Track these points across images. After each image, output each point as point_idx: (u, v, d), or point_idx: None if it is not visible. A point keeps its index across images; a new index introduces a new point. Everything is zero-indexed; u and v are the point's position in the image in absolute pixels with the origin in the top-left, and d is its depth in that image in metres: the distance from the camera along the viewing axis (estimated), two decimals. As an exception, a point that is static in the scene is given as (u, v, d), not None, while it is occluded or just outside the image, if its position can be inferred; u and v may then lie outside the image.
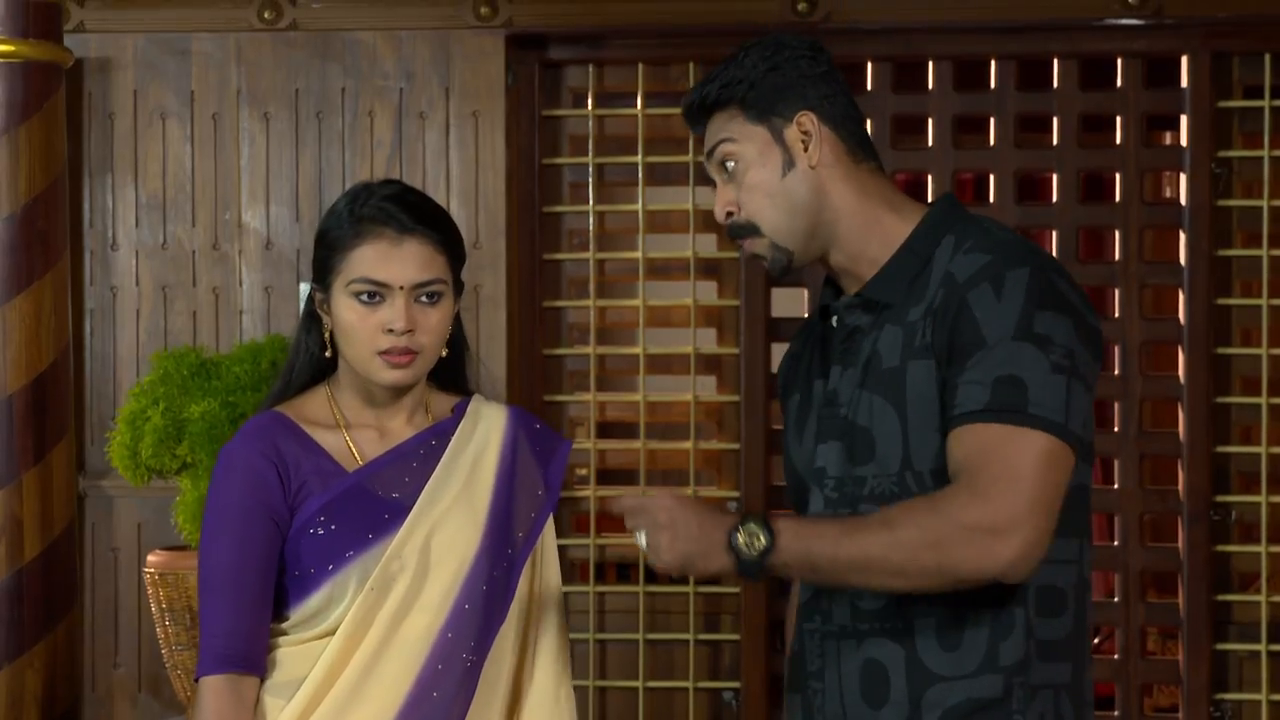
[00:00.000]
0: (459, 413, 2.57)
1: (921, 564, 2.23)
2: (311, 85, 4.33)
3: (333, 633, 2.44)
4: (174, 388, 3.67)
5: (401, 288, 2.45)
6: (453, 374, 2.60)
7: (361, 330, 2.46)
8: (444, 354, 2.53)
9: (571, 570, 4.47)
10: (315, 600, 2.45)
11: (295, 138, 4.33)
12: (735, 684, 4.41)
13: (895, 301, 2.38)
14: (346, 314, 2.46)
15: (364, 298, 2.45)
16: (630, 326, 4.61)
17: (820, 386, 2.47)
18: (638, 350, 4.49)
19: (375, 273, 2.45)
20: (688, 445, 4.44)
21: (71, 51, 4.05)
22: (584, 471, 4.52)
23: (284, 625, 2.48)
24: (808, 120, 2.40)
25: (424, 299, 2.46)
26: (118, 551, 4.35)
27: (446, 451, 2.52)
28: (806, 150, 2.40)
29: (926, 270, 2.37)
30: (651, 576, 4.49)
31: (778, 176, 2.40)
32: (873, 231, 2.41)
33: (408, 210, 2.48)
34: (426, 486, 2.48)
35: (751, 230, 2.42)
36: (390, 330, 2.44)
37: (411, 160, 4.29)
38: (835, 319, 2.47)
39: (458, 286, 2.53)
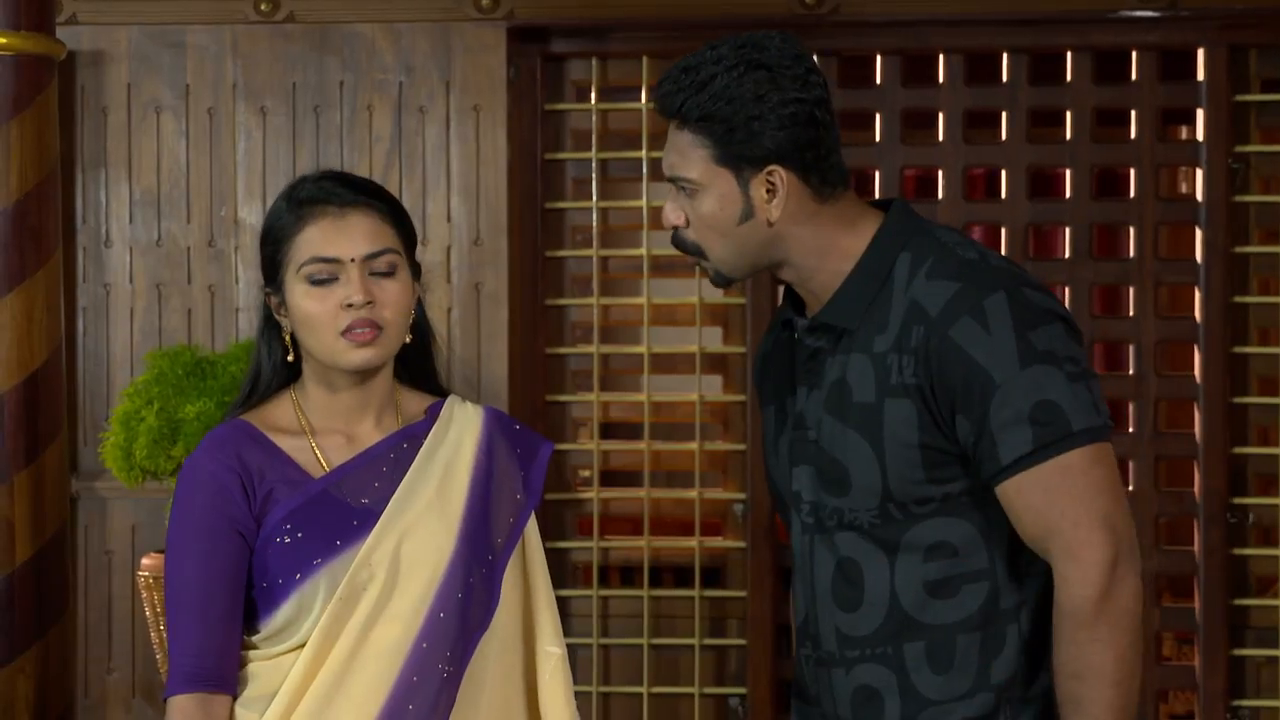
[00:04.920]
0: (432, 415, 2.50)
1: (1128, 657, 2.26)
2: (309, 79, 4.28)
3: (304, 645, 2.38)
4: (168, 387, 3.65)
5: (353, 260, 2.38)
6: (420, 365, 2.53)
7: (320, 314, 2.39)
8: (408, 340, 2.46)
9: (575, 574, 4.42)
10: (284, 612, 2.38)
11: (292, 132, 4.28)
12: (741, 690, 4.36)
13: (854, 326, 2.35)
14: (303, 302, 2.40)
15: (317, 279, 2.39)
16: (634, 325, 4.57)
17: (790, 404, 2.45)
18: (642, 349, 4.44)
19: (324, 250, 2.39)
20: (693, 446, 4.39)
21: (64, 44, 3.99)
22: (587, 473, 4.48)
23: (255, 639, 2.42)
24: (777, 176, 2.34)
25: (379, 271, 2.40)
26: (111, 554, 4.31)
27: (418, 455, 2.44)
28: (769, 204, 2.35)
29: (886, 291, 2.34)
30: (656, 580, 4.45)
31: (734, 222, 2.36)
32: (827, 255, 2.38)
33: (346, 185, 2.43)
34: (397, 492, 2.41)
35: (697, 253, 2.40)
36: (350, 305, 2.37)
37: (411, 155, 4.25)
38: (797, 334, 2.45)
39: (414, 267, 2.46)
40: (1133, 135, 4.32)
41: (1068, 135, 4.35)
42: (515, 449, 2.51)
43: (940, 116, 4.36)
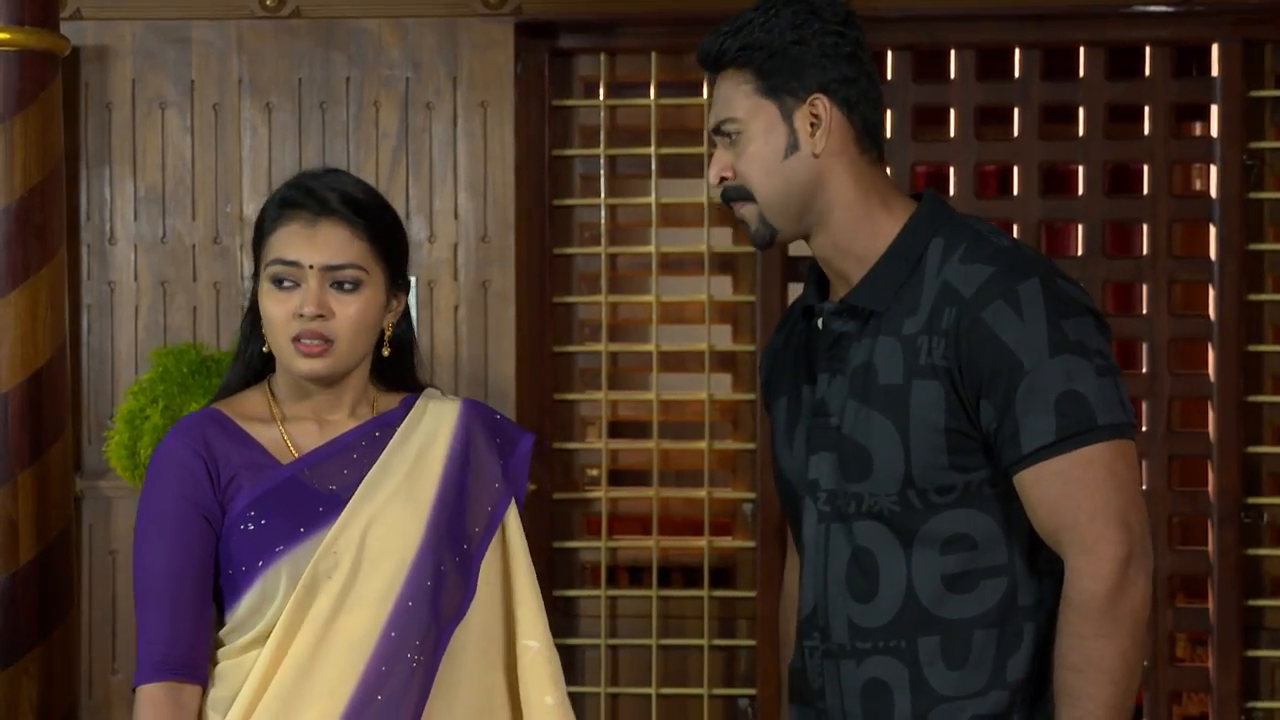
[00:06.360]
0: (407, 405, 2.49)
1: (1130, 657, 2.25)
2: (315, 75, 4.25)
3: (268, 639, 2.36)
4: (173, 385, 3.64)
5: (312, 267, 2.37)
6: (400, 375, 2.52)
7: (278, 317, 2.39)
8: (385, 353, 2.46)
9: (583, 574, 4.39)
10: (247, 601, 2.37)
11: (298, 129, 4.25)
12: (751, 691, 4.33)
13: (883, 308, 2.34)
14: (265, 301, 2.40)
15: (280, 282, 2.39)
16: (643, 323, 4.54)
17: (808, 393, 2.43)
18: (650, 347, 4.41)
19: (287, 253, 2.38)
20: (702, 445, 4.36)
21: (68, 39, 3.96)
22: (595, 472, 4.45)
23: (221, 633, 2.41)
24: (820, 105, 2.35)
25: (341, 285, 2.38)
26: (116, 554, 4.27)
27: (390, 442, 2.43)
28: (813, 136, 2.35)
29: (917, 276, 2.34)
30: (665, 580, 4.42)
31: (779, 156, 2.36)
32: (862, 227, 2.38)
33: (331, 191, 2.40)
34: (366, 477, 2.40)
35: (745, 195, 2.39)
36: (301, 315, 2.36)
37: (418, 152, 4.22)
38: (820, 321, 2.43)
39: (395, 282, 2.44)
40: (1146, 131, 4.29)
41: (1080, 131, 4.31)
42: (494, 439, 2.50)
43: (952, 112, 4.33)
